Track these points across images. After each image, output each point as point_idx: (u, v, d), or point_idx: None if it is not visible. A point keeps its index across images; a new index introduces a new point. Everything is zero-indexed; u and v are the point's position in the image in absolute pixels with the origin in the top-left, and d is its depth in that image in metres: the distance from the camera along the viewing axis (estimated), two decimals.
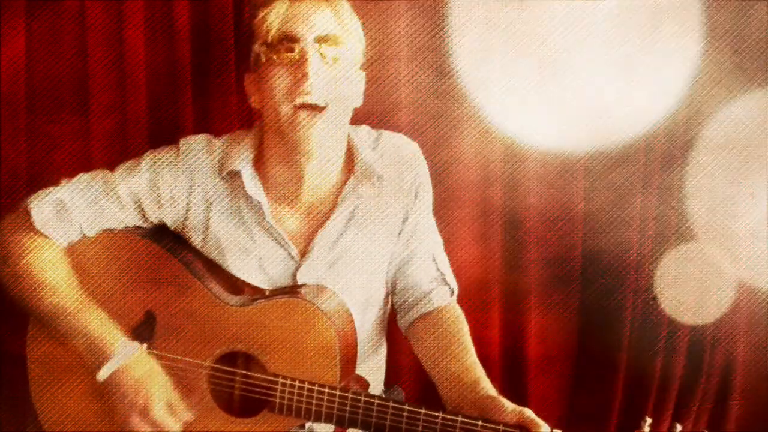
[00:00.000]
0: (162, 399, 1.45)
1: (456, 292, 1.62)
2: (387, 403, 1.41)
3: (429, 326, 1.57)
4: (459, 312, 1.60)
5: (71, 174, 1.57)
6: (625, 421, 2.32)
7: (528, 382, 2.27)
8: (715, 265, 2.32)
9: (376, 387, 1.67)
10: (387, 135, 1.61)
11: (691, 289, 2.32)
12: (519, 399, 2.27)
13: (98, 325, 1.46)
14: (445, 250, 1.67)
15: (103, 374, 1.44)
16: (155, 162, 1.54)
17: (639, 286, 2.28)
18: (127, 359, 1.45)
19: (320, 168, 1.53)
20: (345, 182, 1.55)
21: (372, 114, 1.51)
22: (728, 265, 2.29)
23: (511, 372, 2.25)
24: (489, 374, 1.51)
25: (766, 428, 2.35)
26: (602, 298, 2.29)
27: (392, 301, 1.63)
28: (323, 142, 1.49)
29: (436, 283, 1.60)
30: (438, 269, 1.60)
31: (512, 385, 2.25)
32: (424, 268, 1.60)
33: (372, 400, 1.42)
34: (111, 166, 1.58)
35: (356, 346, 1.53)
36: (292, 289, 1.53)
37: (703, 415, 2.36)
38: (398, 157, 1.60)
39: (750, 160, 2.23)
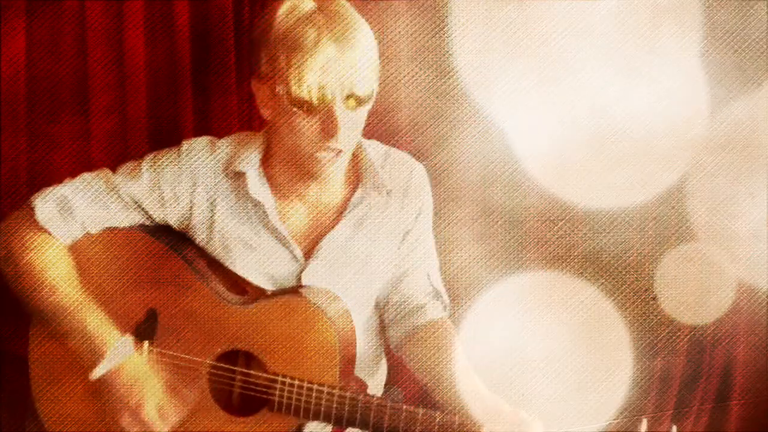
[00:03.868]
0: (154, 400, 1.47)
1: (449, 308, 1.62)
2: (385, 404, 1.41)
3: (422, 336, 1.57)
4: (452, 326, 1.60)
5: (72, 174, 1.57)
6: (625, 421, 2.32)
7: (528, 382, 2.26)
8: (715, 265, 2.32)
9: (377, 390, 1.67)
10: (395, 154, 1.62)
11: (691, 289, 2.32)
12: (519, 399, 2.30)
13: (95, 324, 1.47)
14: (445, 250, 1.67)
15: (96, 373, 1.45)
16: (156, 162, 1.54)
17: (639, 286, 2.28)
18: (122, 359, 1.45)
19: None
20: (353, 186, 1.56)
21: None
22: (728, 265, 2.30)
23: (511, 372, 2.25)
24: (489, 374, 1.50)
25: (766, 428, 2.35)
26: (602, 298, 2.29)
27: (384, 316, 1.63)
28: (338, 171, 1.52)
29: (429, 298, 1.60)
30: (432, 285, 1.61)
31: (512, 385, 2.25)
32: (418, 284, 1.61)
33: (371, 400, 1.42)
34: (111, 166, 1.58)
35: (356, 346, 1.53)
36: (293, 290, 1.53)
37: (703, 415, 2.36)
38: (405, 178, 1.60)
39: (750, 160, 2.23)
